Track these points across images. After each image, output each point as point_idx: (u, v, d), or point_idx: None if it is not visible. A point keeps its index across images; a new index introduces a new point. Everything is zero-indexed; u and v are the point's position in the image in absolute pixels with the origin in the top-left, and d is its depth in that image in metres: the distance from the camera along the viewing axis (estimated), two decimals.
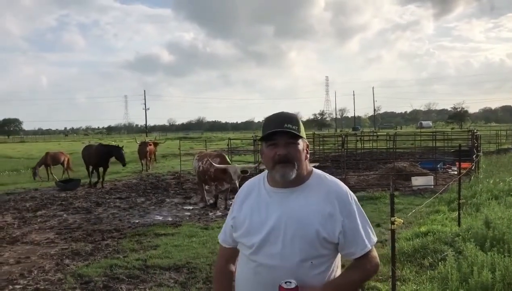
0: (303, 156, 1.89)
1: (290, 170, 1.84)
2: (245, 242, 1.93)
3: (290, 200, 1.87)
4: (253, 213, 1.92)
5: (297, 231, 1.81)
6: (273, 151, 1.86)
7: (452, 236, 6.27)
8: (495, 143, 27.70)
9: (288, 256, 1.81)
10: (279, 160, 1.84)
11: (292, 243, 1.81)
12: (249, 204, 1.95)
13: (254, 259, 1.88)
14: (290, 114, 1.91)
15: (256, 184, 2.01)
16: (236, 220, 1.96)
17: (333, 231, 1.82)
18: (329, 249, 1.86)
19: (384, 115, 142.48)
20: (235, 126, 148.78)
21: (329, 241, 1.83)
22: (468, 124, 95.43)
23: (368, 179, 14.73)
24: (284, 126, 1.83)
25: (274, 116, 1.91)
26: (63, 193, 13.23)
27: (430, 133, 26.07)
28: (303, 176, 1.91)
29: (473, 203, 8.58)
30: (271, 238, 1.84)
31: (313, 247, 1.81)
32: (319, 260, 1.83)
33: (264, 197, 1.93)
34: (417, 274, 5.26)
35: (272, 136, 1.86)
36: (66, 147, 45.78)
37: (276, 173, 1.86)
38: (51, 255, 6.78)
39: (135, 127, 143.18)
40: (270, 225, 1.85)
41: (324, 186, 1.91)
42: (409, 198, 10.97)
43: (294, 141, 1.86)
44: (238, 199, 2.03)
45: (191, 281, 5.47)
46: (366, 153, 24.80)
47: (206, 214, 9.78)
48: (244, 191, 2.04)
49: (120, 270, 5.92)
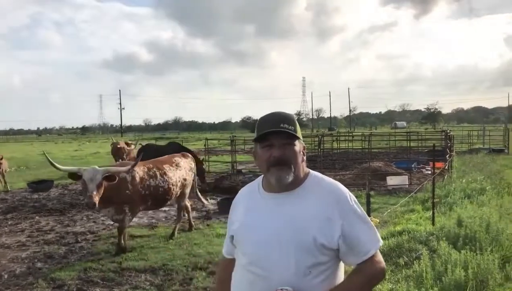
0: (299, 158, 1.80)
1: (286, 173, 1.75)
2: (241, 251, 1.86)
3: (286, 205, 1.78)
4: (248, 221, 1.84)
5: (293, 239, 1.72)
6: (268, 153, 1.77)
7: (426, 235, 6.37)
8: (467, 143, 28.33)
9: (284, 266, 1.72)
10: (274, 162, 1.75)
11: (288, 252, 1.72)
12: (245, 212, 1.88)
13: (249, 269, 1.80)
14: (287, 114, 1.82)
15: (252, 190, 1.94)
16: (234, 229, 1.89)
17: (332, 236, 1.72)
18: (329, 256, 1.75)
19: (360, 116, 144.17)
20: (212, 126, 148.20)
21: (328, 248, 1.73)
22: (441, 124, 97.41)
23: (344, 179, 14.84)
24: (280, 126, 1.75)
25: (269, 116, 1.82)
26: (35, 195, 12.93)
27: (404, 133, 26.47)
28: (299, 179, 1.82)
29: (447, 202, 8.74)
30: (267, 247, 1.75)
31: (311, 254, 1.71)
32: (318, 269, 1.73)
33: (259, 203, 1.85)
34: (392, 273, 5.31)
35: (267, 137, 1.77)
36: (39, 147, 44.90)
37: (271, 176, 1.77)
38: (22, 259, 6.60)
39: (110, 128, 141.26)
40: (265, 233, 1.76)
41: (321, 188, 1.82)
42: (384, 198, 11.10)
43: (290, 142, 1.77)
44: (235, 207, 1.97)
45: (167, 283, 5.41)
46: (342, 153, 25.02)
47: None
48: (240, 199, 1.98)
49: (95, 273, 5.81)
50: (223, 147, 28.34)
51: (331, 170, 17.77)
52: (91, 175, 5.89)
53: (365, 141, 22.65)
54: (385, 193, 11.91)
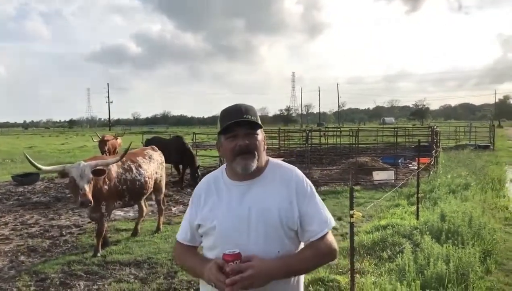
0: (262, 147, 1.88)
1: (251, 160, 1.83)
2: (209, 238, 1.89)
3: (251, 192, 1.86)
4: (214, 208, 1.88)
5: (261, 222, 1.80)
6: (233, 143, 1.83)
7: (410, 229, 6.43)
8: (454, 140, 28.59)
9: (254, 250, 1.77)
10: (239, 151, 1.81)
11: (258, 236, 1.80)
12: (211, 200, 1.91)
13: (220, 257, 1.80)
14: (248, 105, 1.89)
15: (215, 178, 1.97)
16: (202, 217, 1.90)
17: (293, 216, 1.83)
18: (293, 238, 1.86)
19: (349, 112, 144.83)
20: (201, 121, 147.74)
21: (292, 229, 1.84)
22: (429, 121, 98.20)
23: (331, 173, 14.93)
24: (243, 117, 1.81)
25: (231, 108, 1.88)
26: (20, 188, 12.79)
27: (392, 129, 26.63)
28: (261, 167, 1.90)
29: (431, 197, 8.83)
30: (236, 233, 1.81)
31: (279, 236, 1.81)
32: (286, 249, 1.83)
33: (224, 191, 1.90)
34: (376, 266, 5.36)
35: (231, 128, 1.83)
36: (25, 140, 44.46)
37: (237, 165, 1.83)
38: (5, 252, 6.53)
39: (98, 121, 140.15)
40: (234, 220, 1.82)
41: (281, 173, 1.91)
42: (370, 192, 11.17)
43: (253, 132, 1.85)
44: (199, 195, 1.98)
45: (152, 276, 5.39)
46: (330, 148, 25.09)
47: (169, 209, 9.65)
48: (203, 187, 1.99)
49: (78, 266, 5.77)
50: (211, 141, 28.29)
51: (318, 164, 17.84)
52: (80, 171, 5.56)
53: (353, 136, 22.76)
54: (371, 188, 11.98)
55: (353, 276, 4.13)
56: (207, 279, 1.74)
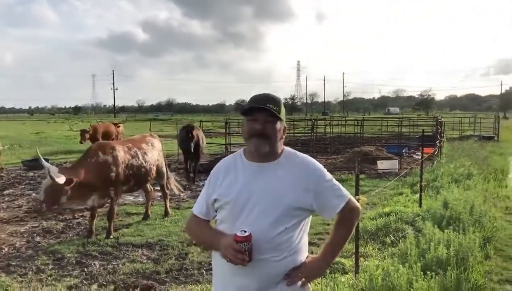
0: (278, 135, 2.06)
1: (265, 144, 2.02)
2: (222, 213, 2.10)
3: (265, 173, 2.05)
4: (231, 185, 2.07)
5: (271, 201, 2.00)
6: (251, 125, 2.03)
7: (413, 216, 6.63)
8: (458, 130, 28.69)
9: (263, 224, 1.98)
10: (255, 133, 2.01)
11: (266, 212, 1.99)
12: (228, 177, 2.10)
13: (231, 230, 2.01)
14: (274, 96, 2.09)
15: (234, 159, 2.17)
16: (220, 193, 2.09)
17: (305, 200, 2.03)
18: (302, 216, 2.06)
19: (354, 101, 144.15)
20: (206, 109, 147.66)
21: (303, 209, 2.04)
22: (434, 111, 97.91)
23: (335, 162, 15.10)
24: (266, 105, 2.01)
25: (259, 95, 2.09)
26: (30, 172, 13.04)
27: (396, 119, 26.73)
28: (277, 154, 2.09)
29: (434, 186, 9.01)
30: (246, 208, 2.01)
31: (286, 215, 2.00)
32: (292, 226, 2.02)
33: (240, 170, 2.10)
34: (379, 250, 5.57)
35: (253, 113, 2.03)
36: (31, 126, 44.79)
37: (251, 144, 2.04)
38: (21, 233, 6.79)
39: (103, 108, 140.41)
40: (247, 195, 2.02)
41: (295, 160, 2.11)
42: (375, 181, 11.36)
43: (272, 120, 2.03)
44: (217, 174, 2.16)
45: (164, 257, 5.62)
46: (335, 137, 25.23)
47: (178, 194, 9.87)
48: (222, 166, 2.18)
49: (93, 248, 6.01)
50: (217, 129, 28.49)
51: (323, 153, 18.02)
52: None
53: (358, 126, 22.90)
54: (376, 177, 12.18)
55: (357, 258, 4.33)
56: (224, 255, 1.96)
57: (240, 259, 1.90)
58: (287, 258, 2.02)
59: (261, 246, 1.96)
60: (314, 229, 6.65)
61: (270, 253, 1.98)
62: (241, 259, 1.90)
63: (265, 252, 1.98)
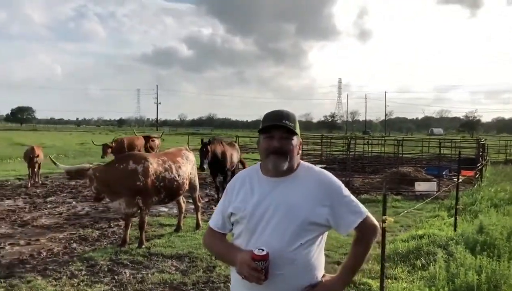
0: (295, 151, 2.09)
1: (283, 161, 2.04)
2: (238, 227, 2.13)
3: (281, 187, 2.06)
4: (247, 199, 2.10)
5: (286, 216, 2.00)
6: (268, 143, 2.06)
7: (446, 239, 6.45)
8: (504, 154, 27.66)
9: (279, 239, 1.99)
10: (273, 150, 2.03)
11: (281, 227, 2.00)
12: (243, 191, 2.14)
13: (247, 245, 2.05)
14: (288, 112, 2.11)
15: (250, 174, 2.20)
16: (235, 207, 2.12)
17: (321, 214, 2.03)
18: (318, 230, 2.05)
19: (396, 121, 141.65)
20: (245, 124, 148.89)
21: (318, 224, 2.03)
22: (480, 133, 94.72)
23: (372, 182, 14.89)
24: (282, 121, 2.04)
25: (273, 112, 2.11)
26: (72, 181, 13.53)
27: (437, 140, 26.09)
28: (293, 168, 2.11)
29: (472, 210, 8.74)
30: (262, 223, 2.03)
31: (302, 230, 2.00)
32: (308, 242, 2.02)
33: (256, 184, 2.12)
34: (409, 273, 5.45)
35: (269, 130, 2.06)
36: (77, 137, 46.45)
37: (269, 162, 2.06)
38: (60, 239, 7.07)
39: (146, 121, 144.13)
40: (261, 210, 2.04)
41: (311, 174, 2.11)
42: (411, 203, 11.10)
43: (288, 136, 2.06)
44: (233, 188, 2.20)
45: (192, 269, 5.72)
46: (374, 156, 24.90)
47: (210, 207, 10.02)
48: (239, 180, 2.22)
49: (125, 256, 6.19)
50: (254, 145, 28.65)
51: (360, 173, 17.79)
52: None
53: (398, 146, 22.50)
54: (413, 198, 11.91)
55: (382, 280, 4.27)
56: (239, 271, 1.99)
57: (255, 278, 1.92)
58: (303, 274, 2.02)
59: (276, 261, 1.95)
60: (344, 249, 6.59)
61: (285, 269, 1.98)
62: (257, 278, 1.91)
63: (280, 268, 1.98)
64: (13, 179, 14.05)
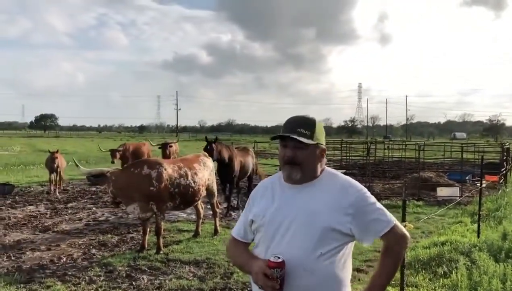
0: (311, 160, 2.00)
1: (296, 171, 1.98)
2: (258, 235, 2.08)
3: (303, 194, 2.00)
4: (267, 206, 2.05)
5: (306, 223, 1.93)
6: (283, 152, 2.01)
7: (469, 246, 6.29)
8: None
9: (298, 247, 1.92)
10: (286, 161, 2.00)
11: (301, 235, 1.93)
12: (265, 199, 2.09)
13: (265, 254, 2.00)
14: (306, 118, 2.03)
15: (272, 181, 2.15)
16: (255, 214, 2.09)
17: (344, 222, 1.93)
18: (340, 240, 1.95)
19: (417, 125, 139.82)
20: (265, 130, 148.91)
21: (340, 232, 1.94)
22: (504, 137, 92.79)
23: (393, 187, 14.67)
24: (296, 131, 1.96)
25: (291, 119, 2.04)
26: (93, 188, 13.72)
27: (460, 144, 25.64)
28: (315, 176, 2.03)
29: (497, 216, 8.53)
30: (281, 230, 1.97)
31: (323, 238, 1.92)
32: (329, 252, 1.93)
33: (278, 192, 2.07)
34: (430, 281, 5.32)
35: (284, 138, 1.99)
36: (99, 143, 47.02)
37: (284, 171, 2.03)
38: (79, 244, 7.14)
39: (167, 128, 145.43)
40: (281, 217, 1.99)
41: (335, 181, 2.03)
42: (433, 208, 10.90)
43: (302, 146, 1.97)
44: (256, 195, 2.17)
45: (210, 275, 5.70)
46: (394, 161, 24.59)
47: (229, 213, 10.01)
48: (261, 188, 2.18)
49: (143, 262, 6.21)
50: (273, 150, 28.63)
51: (381, 178, 17.57)
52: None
53: (419, 151, 22.19)
54: (435, 204, 11.69)
55: (402, 288, 4.18)
56: (255, 280, 1.95)
57: (270, 287, 1.86)
58: (323, 288, 1.94)
59: (294, 270, 1.90)
60: (364, 256, 6.50)
61: (304, 280, 1.91)
62: (271, 287, 1.86)
63: (299, 278, 1.91)
64: (35, 185, 14.31)
